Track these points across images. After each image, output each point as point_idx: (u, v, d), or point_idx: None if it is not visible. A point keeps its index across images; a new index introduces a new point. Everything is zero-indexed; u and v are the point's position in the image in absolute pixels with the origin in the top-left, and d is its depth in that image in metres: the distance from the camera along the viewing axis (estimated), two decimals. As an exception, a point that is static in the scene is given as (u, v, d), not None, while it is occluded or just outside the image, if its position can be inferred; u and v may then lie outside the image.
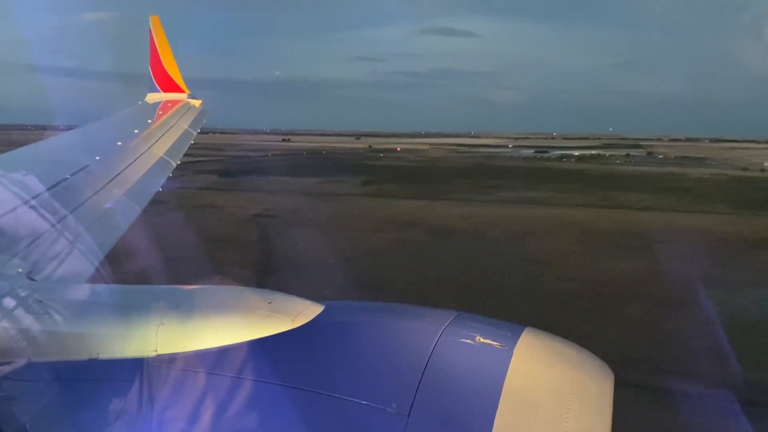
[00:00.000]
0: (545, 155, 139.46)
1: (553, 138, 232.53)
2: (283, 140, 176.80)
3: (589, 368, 2.78)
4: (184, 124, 11.31)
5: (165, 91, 14.68)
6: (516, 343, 2.77)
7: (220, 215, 45.94)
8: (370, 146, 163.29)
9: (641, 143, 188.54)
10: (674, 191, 69.42)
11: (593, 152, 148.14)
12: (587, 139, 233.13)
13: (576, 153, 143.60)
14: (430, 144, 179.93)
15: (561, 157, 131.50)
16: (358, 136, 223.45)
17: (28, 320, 2.78)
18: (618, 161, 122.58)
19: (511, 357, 2.69)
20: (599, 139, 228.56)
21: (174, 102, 13.93)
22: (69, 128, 10.59)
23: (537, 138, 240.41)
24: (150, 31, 14.71)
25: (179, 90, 14.75)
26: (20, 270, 3.70)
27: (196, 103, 14.18)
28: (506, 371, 2.64)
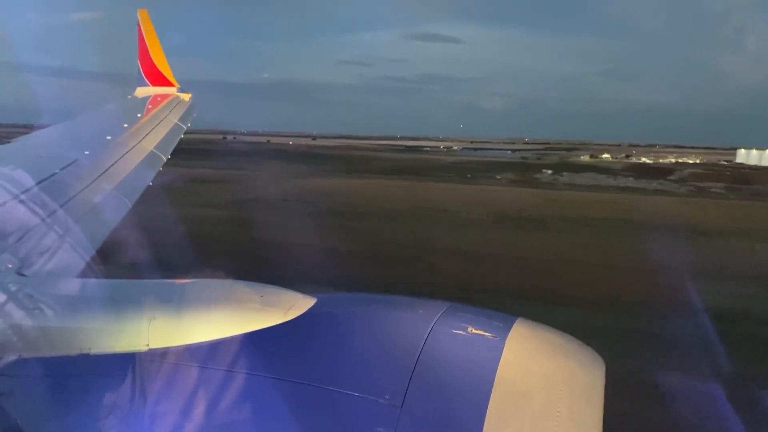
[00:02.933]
0: (420, 150, 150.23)
1: (513, 143, 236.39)
2: (223, 138, 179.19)
3: (581, 358, 2.71)
4: (173, 118, 10.92)
5: (154, 85, 14.08)
6: (508, 333, 2.68)
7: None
8: (267, 140, 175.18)
9: (593, 148, 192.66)
10: (401, 169, 78.85)
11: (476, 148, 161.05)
12: (547, 143, 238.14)
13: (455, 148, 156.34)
14: (367, 144, 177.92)
15: (426, 152, 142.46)
16: (314, 137, 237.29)
17: (18, 316, 2.64)
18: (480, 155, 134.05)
19: (503, 347, 2.61)
20: (559, 144, 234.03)
21: (163, 96, 13.37)
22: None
23: (499, 142, 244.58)
24: (138, 24, 14.01)
25: (169, 84, 14.15)
26: (10, 266, 3.50)
27: (186, 97, 13.67)
28: (498, 362, 2.55)
